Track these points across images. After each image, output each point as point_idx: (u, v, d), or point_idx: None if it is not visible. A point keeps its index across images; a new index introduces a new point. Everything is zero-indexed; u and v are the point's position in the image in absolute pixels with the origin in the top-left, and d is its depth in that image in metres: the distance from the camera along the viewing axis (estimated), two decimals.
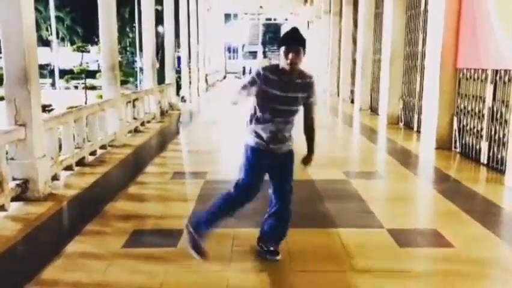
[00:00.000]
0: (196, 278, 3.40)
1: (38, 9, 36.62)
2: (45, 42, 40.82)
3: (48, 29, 39.58)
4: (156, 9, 12.81)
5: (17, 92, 5.07)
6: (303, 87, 3.32)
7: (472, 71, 7.27)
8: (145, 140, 9.34)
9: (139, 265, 3.59)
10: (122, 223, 4.45)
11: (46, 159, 5.46)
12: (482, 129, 6.96)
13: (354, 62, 15.98)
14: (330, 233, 4.19)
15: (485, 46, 6.81)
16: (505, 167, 6.09)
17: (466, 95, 7.47)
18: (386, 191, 5.94)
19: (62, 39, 44.62)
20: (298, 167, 3.64)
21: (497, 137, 6.58)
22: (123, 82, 25.67)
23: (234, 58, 50.89)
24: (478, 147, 7.07)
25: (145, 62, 12.72)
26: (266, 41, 52.47)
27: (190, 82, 19.11)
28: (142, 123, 10.70)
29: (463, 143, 7.52)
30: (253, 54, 52.48)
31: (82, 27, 41.61)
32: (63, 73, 27.51)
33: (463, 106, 7.57)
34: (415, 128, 9.87)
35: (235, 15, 43.84)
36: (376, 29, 13.20)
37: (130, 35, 40.91)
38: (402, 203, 5.30)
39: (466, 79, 7.46)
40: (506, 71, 6.39)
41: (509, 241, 4.12)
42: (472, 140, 7.25)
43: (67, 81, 24.88)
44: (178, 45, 20.06)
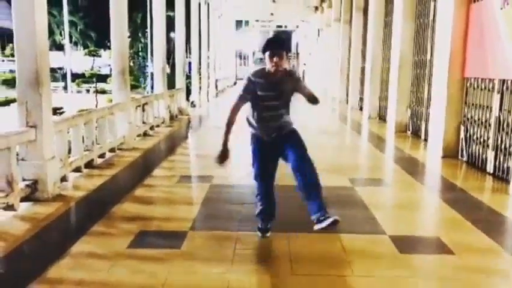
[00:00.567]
0: (197, 279, 3.46)
1: (52, 14, 37.15)
2: (58, 47, 41.35)
3: (62, 33, 40.05)
4: (168, 15, 13.00)
5: (29, 95, 5.19)
6: (291, 82, 3.80)
7: (479, 81, 7.29)
8: (154, 143, 9.45)
9: (143, 265, 3.66)
10: (128, 224, 4.53)
11: (56, 160, 5.57)
12: (488, 139, 6.97)
13: (363, 70, 16.02)
14: (332, 238, 4.22)
15: (492, 56, 6.83)
16: (510, 177, 6.10)
17: (473, 104, 7.48)
18: (391, 199, 5.96)
19: (75, 43, 45.19)
20: None
21: (503, 147, 6.58)
22: (134, 87, 25.94)
23: (244, 64, 51.11)
24: (484, 156, 7.07)
25: (155, 67, 12.88)
26: None
27: (200, 88, 19.25)
28: (151, 127, 10.82)
29: (470, 152, 7.52)
30: (263, 61, 52.62)
31: (95, 31, 42.10)
32: (75, 77, 27.86)
33: (470, 115, 7.57)
34: (423, 137, 9.87)
35: (246, 22, 44.01)
36: (385, 37, 13.24)
37: (142, 40, 41.26)
38: (406, 210, 5.32)
39: (473, 88, 7.48)
40: None
41: (511, 250, 4.14)
42: (479, 149, 7.25)
43: (78, 85, 25.19)
44: (189, 51, 20.24)
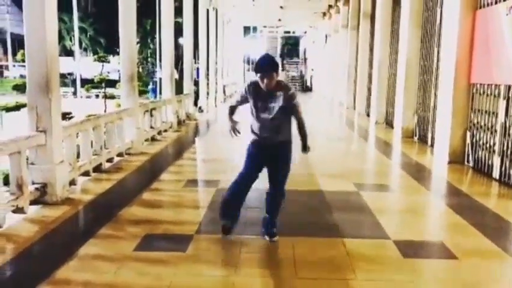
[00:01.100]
0: (202, 282, 3.51)
1: (62, 20, 37.52)
2: (68, 52, 41.78)
3: (72, 39, 40.45)
4: (177, 22, 13.10)
5: (39, 100, 5.29)
6: (283, 98, 4.01)
7: (485, 87, 7.30)
8: (161, 148, 9.54)
9: (148, 268, 3.72)
10: (135, 228, 4.60)
11: (64, 164, 5.66)
12: (494, 144, 6.97)
13: (370, 76, 16.05)
14: (336, 242, 4.26)
15: (498, 62, 6.84)
16: None
17: (479, 110, 7.49)
18: (396, 204, 5.98)
19: (85, 49, 45.59)
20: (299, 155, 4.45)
21: (509, 152, 6.58)
22: (142, 92, 26.12)
23: (252, 70, 51.34)
24: (490, 162, 7.07)
25: (164, 72, 13.00)
26: (285, 54, 52.72)
27: (208, 93, 19.36)
28: (159, 132, 10.92)
29: (476, 157, 7.52)
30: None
31: (104, 38, 42.46)
32: (85, 82, 28.11)
33: (476, 121, 7.58)
34: (429, 142, 9.87)
35: (254, 28, 44.16)
36: (392, 43, 13.27)
37: (151, 46, 41.56)
38: (411, 215, 5.34)
39: (479, 94, 7.49)
40: None
41: None
42: (485, 154, 7.25)
43: (87, 90, 25.44)
44: (197, 57, 20.37)
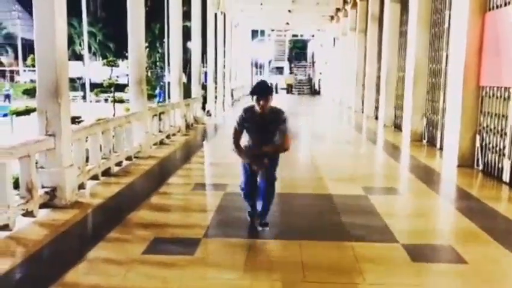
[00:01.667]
0: (210, 286, 3.52)
1: (72, 25, 37.86)
2: (78, 57, 42.09)
3: (82, 44, 40.77)
4: (185, 26, 13.15)
5: (49, 105, 5.34)
6: (275, 119, 4.39)
7: (495, 89, 7.25)
8: (170, 152, 9.57)
9: (156, 271, 3.73)
10: (143, 231, 4.62)
11: (74, 168, 5.70)
12: (504, 148, 6.91)
13: (378, 79, 16.00)
14: (344, 246, 4.25)
15: (508, 64, 6.79)
16: None
17: (488, 113, 7.44)
18: (404, 208, 5.95)
19: (94, 53, 45.92)
20: None
21: None
22: (151, 96, 26.23)
23: (260, 74, 51.29)
24: (500, 165, 7.01)
25: (172, 76, 13.05)
26: (293, 57, 52.69)
27: (216, 97, 19.40)
28: (168, 136, 10.96)
29: (485, 161, 7.47)
30: (279, 70, 52.71)
31: (114, 42, 42.73)
32: (94, 86, 28.29)
33: (485, 124, 7.53)
34: (438, 146, 9.81)
35: (262, 31, 44.20)
36: (400, 46, 13.24)
37: (160, 50, 41.76)
38: (420, 219, 5.31)
39: (489, 97, 7.44)
40: None
41: None
42: (495, 158, 7.19)
43: (96, 95, 25.62)
44: (205, 61, 20.43)
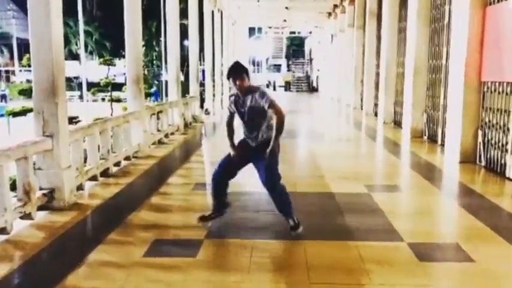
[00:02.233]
0: None
1: (68, 24, 37.63)
2: (74, 56, 41.91)
3: (78, 43, 40.60)
4: (182, 24, 13.07)
5: (45, 105, 5.24)
6: (256, 98, 4.32)
7: (497, 84, 7.18)
8: (169, 151, 9.48)
9: (158, 274, 3.65)
10: (144, 233, 4.53)
11: (72, 169, 5.61)
12: (507, 143, 6.85)
13: (377, 76, 15.93)
14: (349, 245, 4.17)
15: (510, 58, 6.72)
16: None
17: (490, 108, 7.37)
18: (408, 205, 5.88)
19: (91, 53, 45.71)
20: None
21: None
22: (148, 95, 26.10)
23: (258, 71, 51.18)
24: (503, 161, 6.94)
25: (170, 75, 12.95)
26: (290, 54, 52.58)
27: (214, 95, 19.31)
28: (166, 135, 10.87)
29: (488, 157, 7.40)
30: (277, 68, 52.64)
31: (110, 41, 42.55)
32: (91, 86, 28.14)
33: (487, 119, 7.46)
34: (439, 142, 9.75)
35: (260, 29, 44.13)
36: (399, 42, 13.16)
37: (157, 49, 41.62)
38: (424, 217, 5.23)
39: (491, 92, 7.37)
40: None
41: None
42: (497, 154, 7.13)
43: (94, 94, 25.50)
44: (202, 59, 20.32)
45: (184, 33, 15.43)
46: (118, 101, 23.97)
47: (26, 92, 20.72)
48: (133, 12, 8.65)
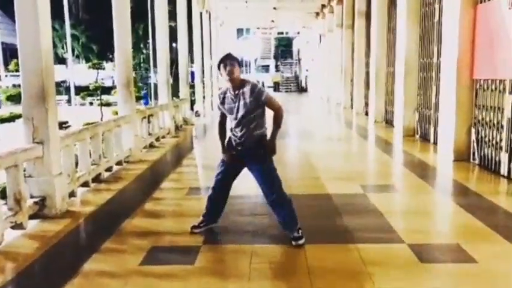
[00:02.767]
0: None
1: (54, 28, 37.11)
2: (60, 60, 41.46)
3: (64, 47, 40.18)
4: (170, 26, 12.92)
5: (35, 111, 5.12)
6: (249, 93, 4.10)
7: (489, 82, 7.18)
8: (161, 155, 9.36)
9: (156, 283, 3.56)
10: (139, 240, 4.43)
11: (63, 176, 5.49)
12: (501, 141, 6.84)
13: (367, 75, 15.93)
14: (349, 248, 4.11)
15: (502, 56, 6.72)
16: None
17: (483, 106, 7.37)
18: (405, 205, 5.84)
19: (77, 56, 45.26)
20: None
21: None
22: (138, 98, 25.82)
23: (247, 72, 51.13)
24: (497, 158, 6.94)
25: (160, 78, 12.82)
26: (278, 55, 52.58)
27: (204, 97, 19.21)
28: (157, 139, 10.75)
29: (482, 154, 7.40)
30: (265, 68, 52.65)
31: (97, 44, 42.18)
32: (79, 90, 27.82)
33: (480, 117, 7.46)
34: (432, 140, 9.75)
35: (248, 29, 44.09)
36: (389, 41, 13.17)
37: (144, 51, 41.32)
38: (422, 217, 5.19)
39: (483, 90, 7.36)
40: None
41: None
42: (491, 151, 7.12)
43: (83, 98, 25.17)
44: (191, 61, 20.21)
45: (172, 35, 15.30)
46: (108, 104, 23.74)
47: (15, 98, 20.34)
48: (121, 15, 8.53)
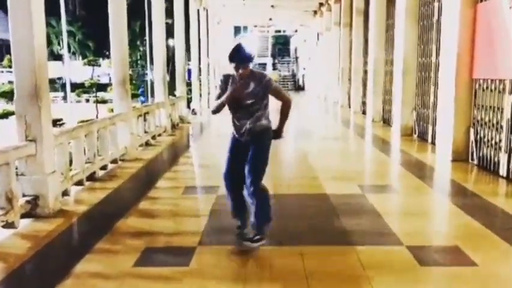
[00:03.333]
0: None
1: (50, 24, 36.95)
2: (56, 57, 41.20)
3: (60, 43, 39.98)
4: (166, 23, 12.83)
5: (28, 108, 5.02)
6: (257, 83, 3.96)
7: (489, 82, 7.12)
8: (156, 153, 9.27)
9: (150, 285, 3.48)
10: (134, 240, 4.34)
11: (56, 174, 5.39)
12: (500, 141, 6.78)
13: (365, 74, 15.87)
14: (348, 250, 4.04)
15: (502, 56, 6.66)
16: None
17: (482, 106, 7.31)
18: (403, 206, 5.77)
19: (73, 53, 45.01)
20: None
21: None
22: (134, 95, 25.72)
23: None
24: (496, 159, 6.88)
25: (156, 76, 12.72)
26: (276, 53, 52.46)
27: (201, 95, 19.11)
28: (153, 137, 10.65)
29: (481, 155, 7.34)
30: (262, 66, 52.50)
31: (93, 41, 41.97)
32: (75, 87, 27.67)
33: (479, 117, 7.40)
34: (430, 140, 9.69)
35: (245, 27, 43.95)
36: (387, 40, 13.10)
37: (141, 49, 41.14)
38: (421, 218, 5.13)
39: (483, 90, 7.30)
40: None
41: None
42: (490, 151, 7.07)
43: (78, 95, 25.05)
44: (188, 58, 20.10)
45: (168, 32, 15.19)
46: (103, 102, 23.62)
47: (8, 95, 20.21)
48: (118, 13, 8.42)
